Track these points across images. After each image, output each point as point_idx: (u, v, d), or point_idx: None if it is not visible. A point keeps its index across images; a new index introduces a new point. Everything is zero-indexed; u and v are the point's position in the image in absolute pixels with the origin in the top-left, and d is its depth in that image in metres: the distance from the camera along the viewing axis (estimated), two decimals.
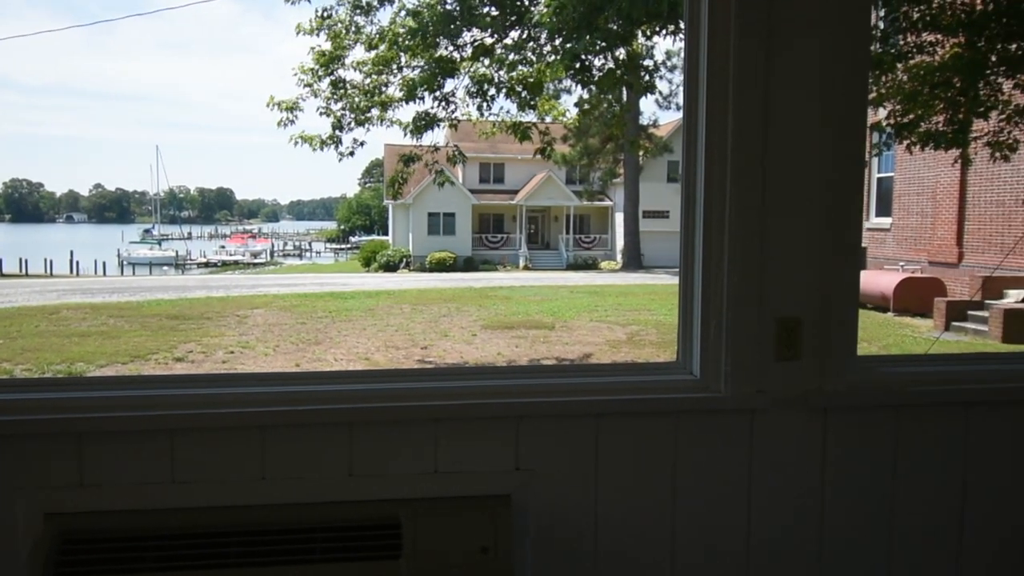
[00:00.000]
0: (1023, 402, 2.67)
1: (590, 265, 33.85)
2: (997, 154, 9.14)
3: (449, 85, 9.38)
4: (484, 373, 2.56)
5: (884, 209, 19.55)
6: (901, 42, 9.01)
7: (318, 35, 9.27)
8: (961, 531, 2.68)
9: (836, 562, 2.62)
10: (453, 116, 9.55)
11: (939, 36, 8.68)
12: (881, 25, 9.30)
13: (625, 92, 15.32)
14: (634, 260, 33.21)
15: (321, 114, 9.47)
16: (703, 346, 2.51)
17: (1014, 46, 8.22)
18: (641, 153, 29.72)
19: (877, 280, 16.69)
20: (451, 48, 9.34)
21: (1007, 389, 2.66)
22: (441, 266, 31.46)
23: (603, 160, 31.66)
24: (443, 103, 9.31)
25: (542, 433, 2.47)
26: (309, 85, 9.49)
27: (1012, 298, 14.52)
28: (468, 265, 32.88)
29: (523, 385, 2.49)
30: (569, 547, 2.51)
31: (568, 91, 13.54)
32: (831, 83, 2.47)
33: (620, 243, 34.91)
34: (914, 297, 15.89)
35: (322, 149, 9.53)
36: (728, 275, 2.45)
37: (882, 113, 9.83)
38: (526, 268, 33.34)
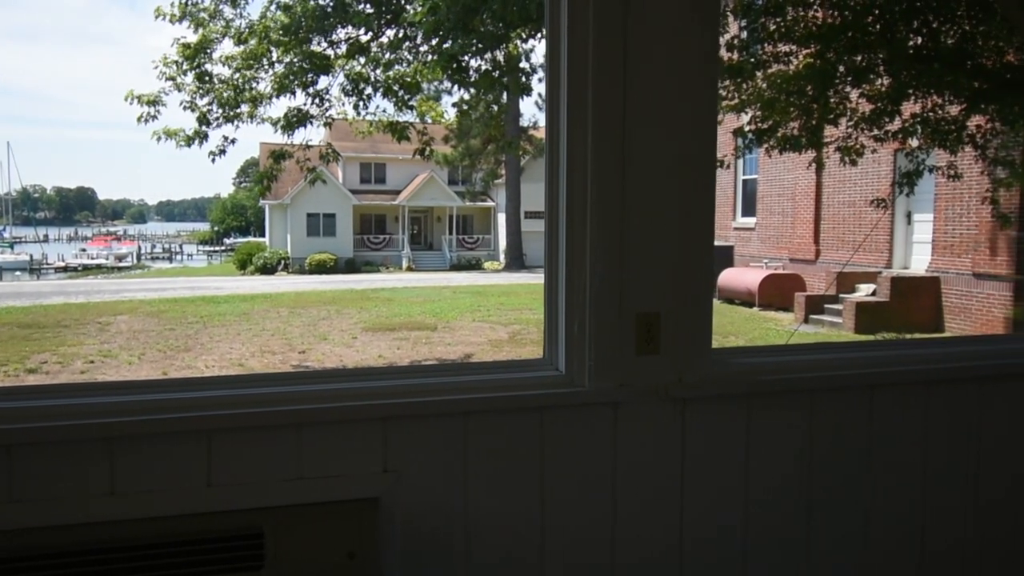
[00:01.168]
0: (862, 387, 2.89)
1: (474, 265, 33.98)
2: (846, 158, 9.82)
3: (323, 82, 9.19)
4: (349, 375, 2.52)
5: (749, 209, 20.63)
6: (760, 52, 9.53)
7: (181, 23, 8.86)
8: (810, 509, 2.86)
9: (695, 547, 2.74)
10: (328, 114, 9.36)
11: (793, 47, 9.24)
12: (743, 35, 9.81)
13: (505, 94, 15.49)
14: (517, 260, 33.60)
15: (185, 109, 9.06)
16: (567, 342, 2.57)
17: (860, 58, 8.86)
18: (521, 154, 30.11)
19: (743, 277, 17.59)
20: (325, 45, 9.15)
21: (847, 376, 2.86)
22: (321, 268, 30.75)
23: (485, 161, 31.87)
24: (317, 100, 9.11)
25: (410, 434, 2.46)
26: (172, 78, 9.05)
27: (862, 292, 15.64)
28: (349, 267, 32.30)
29: (389, 386, 2.47)
30: (439, 547, 2.51)
31: (448, 92, 13.55)
32: (684, 87, 2.58)
33: (503, 243, 35.24)
34: (777, 292, 16.84)
35: (188, 145, 9.11)
36: (590, 273, 2.52)
37: (745, 119, 10.37)
38: (409, 269, 33.10)
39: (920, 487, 2.99)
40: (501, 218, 35.86)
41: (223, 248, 50.16)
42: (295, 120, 9.18)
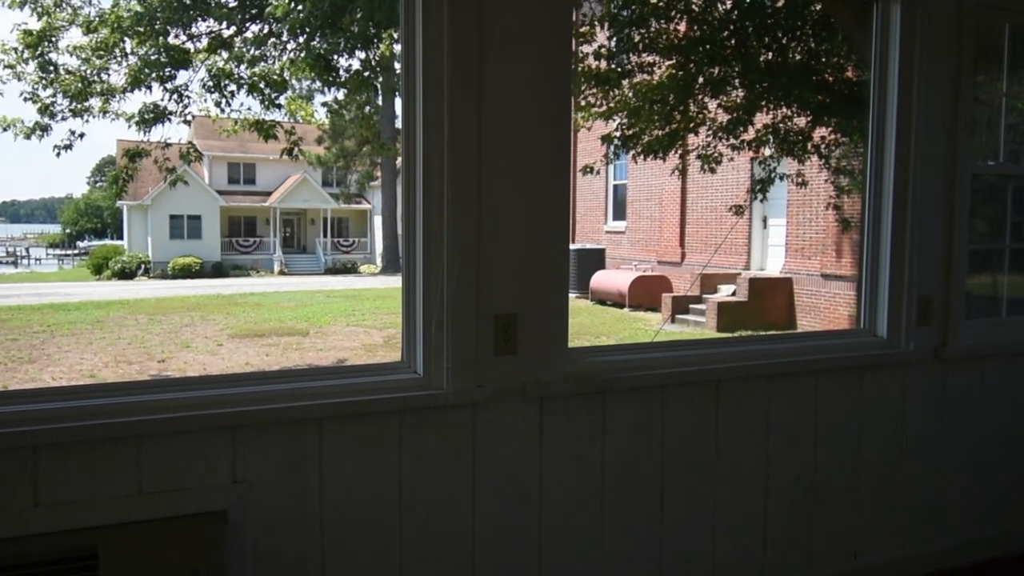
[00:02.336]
0: (709, 382, 3.03)
1: (349, 269, 33.30)
2: (705, 166, 10.31)
3: (182, 77, 8.75)
4: (195, 383, 2.40)
5: (620, 213, 21.28)
6: (626, 61, 9.85)
7: (22, 9, 8.20)
8: (662, 494, 2.97)
9: (554, 536, 2.79)
10: (187, 111, 8.93)
11: (657, 58, 9.61)
12: (610, 45, 10.09)
13: (380, 95, 15.28)
14: (394, 263, 33.18)
15: (26, 100, 8.39)
16: (426, 344, 2.56)
17: (717, 70, 9.32)
18: (397, 156, 29.81)
19: (614, 279, 18.12)
20: (184, 38, 8.72)
21: (696, 371, 2.99)
22: (186, 272, 29.29)
23: (360, 163, 31.31)
24: (175, 96, 8.67)
25: (261, 442, 2.37)
26: (11, 67, 8.37)
27: (724, 292, 16.44)
28: (217, 271, 30.93)
29: (238, 394, 2.37)
30: (294, 557, 2.44)
31: (321, 91, 13.24)
32: (539, 92, 2.63)
33: (380, 246, 34.75)
34: (646, 293, 17.43)
35: (28, 138, 8.43)
36: (448, 275, 2.52)
37: (612, 125, 10.68)
38: (281, 273, 32.06)
39: (765, 468, 3.18)
40: (377, 220, 35.35)
41: (76, 252, 46.83)
42: (151, 116, 8.69)
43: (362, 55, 9.10)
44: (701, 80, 9.44)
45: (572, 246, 20.62)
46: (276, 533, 2.40)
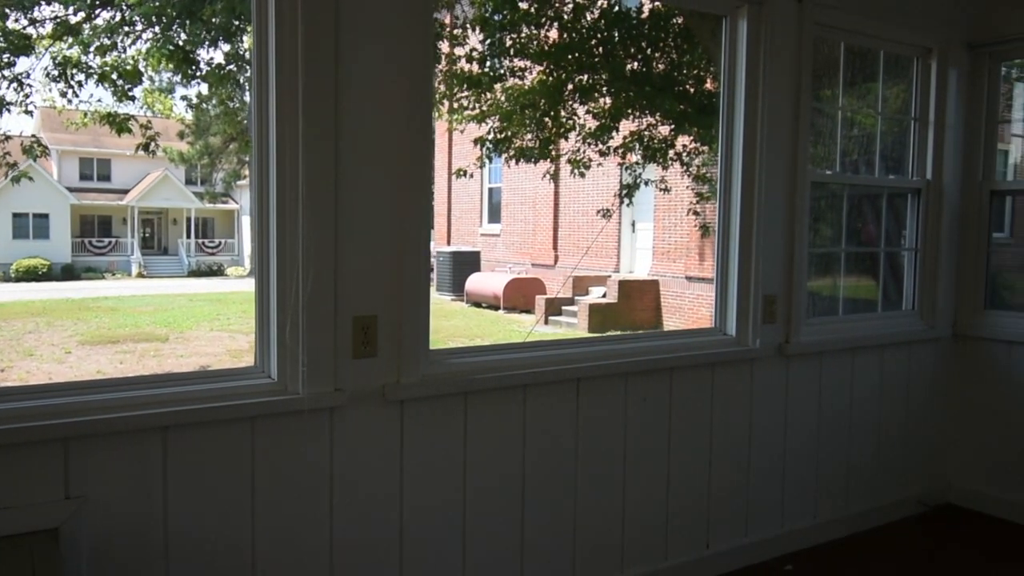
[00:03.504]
0: (570, 380, 3.09)
1: (215, 271, 31.89)
2: (575, 170, 10.56)
3: (23, 64, 8.11)
4: (22, 393, 2.22)
5: (495, 216, 21.45)
6: (499, 65, 9.94)
7: None
8: (523, 493, 3.00)
9: (416, 542, 2.76)
10: (29, 101, 8.27)
11: (528, 63, 9.75)
12: (482, 48, 10.14)
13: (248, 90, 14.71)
14: None
15: None
16: (280, 348, 2.47)
17: (586, 77, 9.56)
18: None
19: (489, 281, 18.23)
20: (25, 22, 8.09)
21: (556, 371, 3.04)
22: (31, 275, 27.14)
23: (227, 160, 30.03)
24: (16, 84, 8.01)
25: (97, 454, 2.22)
26: None
27: (595, 294, 16.89)
28: (67, 273, 28.84)
29: (72, 403, 2.21)
30: (136, 574, 2.30)
31: (183, 84, 12.61)
32: (400, 90, 2.60)
33: (248, 248, 33.47)
34: (520, 295, 17.65)
35: None
36: (303, 276, 2.45)
37: (486, 128, 10.74)
38: (140, 276, 30.29)
39: (622, 462, 3.27)
40: (245, 221, 34.05)
41: None
42: None
43: (227, 47, 8.74)
44: (571, 87, 9.65)
45: (447, 248, 20.61)
46: (116, 552, 2.26)
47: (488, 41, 9.66)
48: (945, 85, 4.33)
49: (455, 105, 10.46)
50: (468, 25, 9.36)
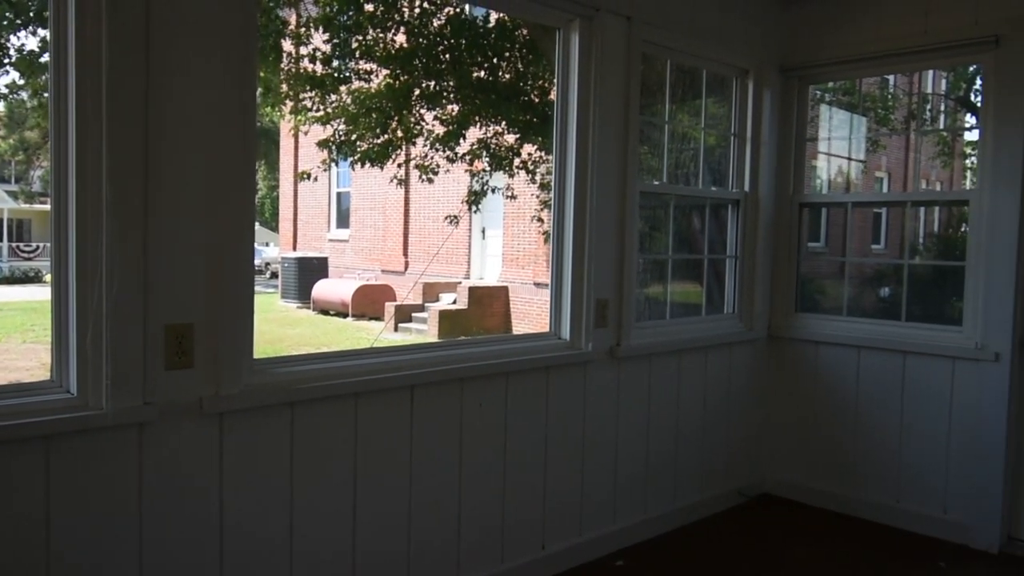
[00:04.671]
0: (403, 388, 3.05)
1: (32, 278, 29.19)
2: (423, 176, 10.50)
3: None
4: None
5: (344, 222, 21.00)
6: (344, 67, 9.73)
7: None
8: (354, 505, 2.93)
9: (237, 567, 2.62)
10: None
11: (374, 66, 9.61)
12: (328, 48, 9.88)
13: None
14: None
15: None
16: (80, 360, 2.28)
17: (432, 83, 9.54)
18: None
19: (337, 288, 17.82)
20: None
21: (389, 378, 2.99)
22: None
23: (45, 157, 27.68)
24: None
25: None
26: None
27: (445, 301, 16.89)
28: None
29: None
30: None
31: None
32: (218, 84, 2.47)
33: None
34: (370, 302, 17.36)
35: None
36: (107, 281, 2.27)
37: (330, 131, 10.47)
38: None
39: (458, 468, 3.26)
40: None
41: None
42: None
43: (44, 33, 8.03)
44: (418, 92, 9.60)
45: (293, 254, 19.97)
46: None
47: (333, 42, 9.44)
48: (761, 104, 4.65)
49: (299, 106, 10.14)
50: (311, 25, 9.10)
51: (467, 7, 9.18)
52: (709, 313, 4.70)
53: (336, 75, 9.67)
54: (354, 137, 10.10)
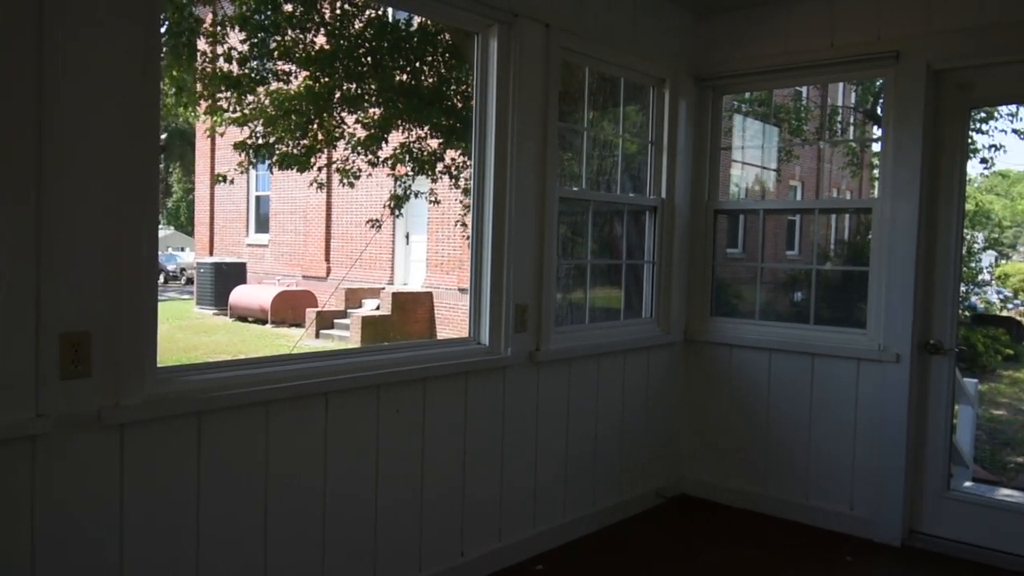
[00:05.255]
0: (318, 395, 2.98)
1: None
2: (344, 180, 10.34)
3: None
4: None
5: (263, 226, 20.51)
6: (261, 67, 9.50)
7: None
8: (265, 518, 2.84)
9: None
10: None
11: (294, 67, 9.42)
12: (246, 47, 9.65)
13: None
14: None
15: None
16: None
17: (354, 86, 9.41)
18: None
19: (256, 294, 17.38)
20: None
21: (303, 385, 2.92)
22: None
23: None
24: None
25: None
26: None
27: (368, 307, 16.67)
28: None
29: None
30: None
31: None
32: (119, 77, 2.37)
33: None
34: (289, 309, 16.99)
35: None
36: None
37: (248, 133, 10.21)
38: None
39: (374, 479, 3.21)
40: None
41: None
42: None
43: None
44: (339, 95, 9.46)
45: (209, 259, 19.37)
46: None
47: (250, 42, 9.21)
48: (676, 113, 4.75)
49: (215, 106, 9.85)
50: (227, 23, 8.86)
51: (389, 10, 9.11)
52: (628, 317, 4.76)
53: (253, 75, 9.44)
54: (273, 139, 9.89)
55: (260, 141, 9.53)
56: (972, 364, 12.84)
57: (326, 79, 9.30)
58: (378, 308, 16.31)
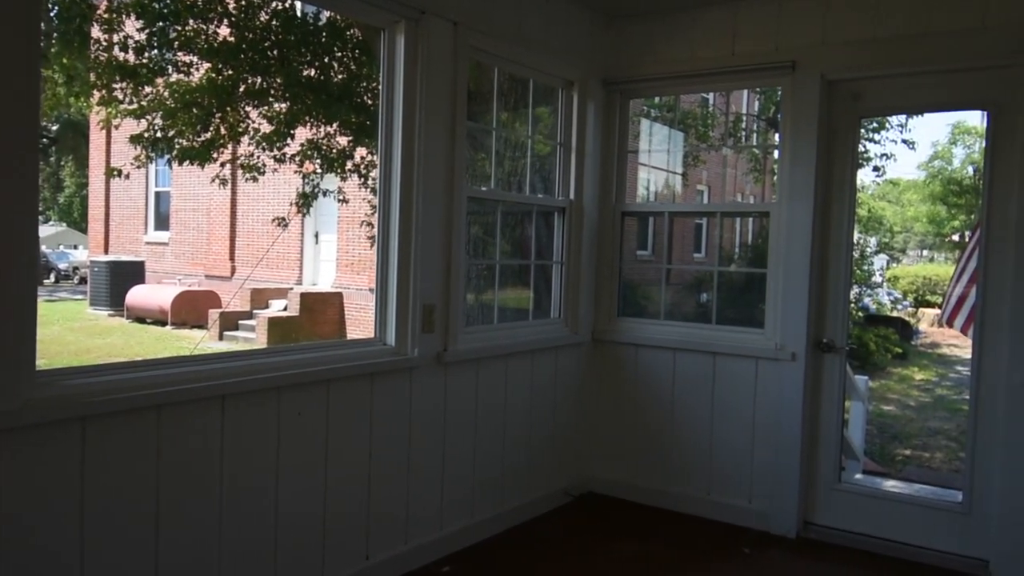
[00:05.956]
0: (212, 399, 2.86)
1: None
2: (248, 176, 10.03)
3: None
4: None
5: (163, 224, 19.70)
6: (161, 58, 9.10)
7: None
8: (157, 529, 2.71)
9: None
10: None
11: (195, 58, 9.06)
12: (144, 36, 9.23)
13: None
14: None
15: None
16: None
17: (259, 79, 9.12)
18: None
19: (155, 294, 16.68)
20: None
21: (196, 388, 2.79)
22: None
23: None
24: None
25: None
26: None
27: (275, 307, 16.24)
28: None
29: None
30: None
31: None
32: None
33: None
34: (191, 310, 16.36)
35: None
36: None
37: (145, 125, 9.77)
38: None
39: (275, 483, 3.10)
40: None
41: None
42: None
43: None
44: (243, 88, 9.16)
45: (104, 258, 18.47)
46: None
47: (149, 30, 8.81)
48: (585, 116, 4.80)
49: (110, 97, 9.37)
50: (123, 11, 8.45)
51: (297, 3, 8.88)
52: (536, 318, 4.78)
53: (152, 66, 9.04)
54: (172, 133, 9.49)
55: (159, 134, 9.12)
56: (865, 362, 13.54)
57: (230, 72, 8.98)
58: (285, 309, 15.91)
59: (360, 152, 9.95)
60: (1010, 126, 3.85)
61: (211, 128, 9.18)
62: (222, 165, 10.17)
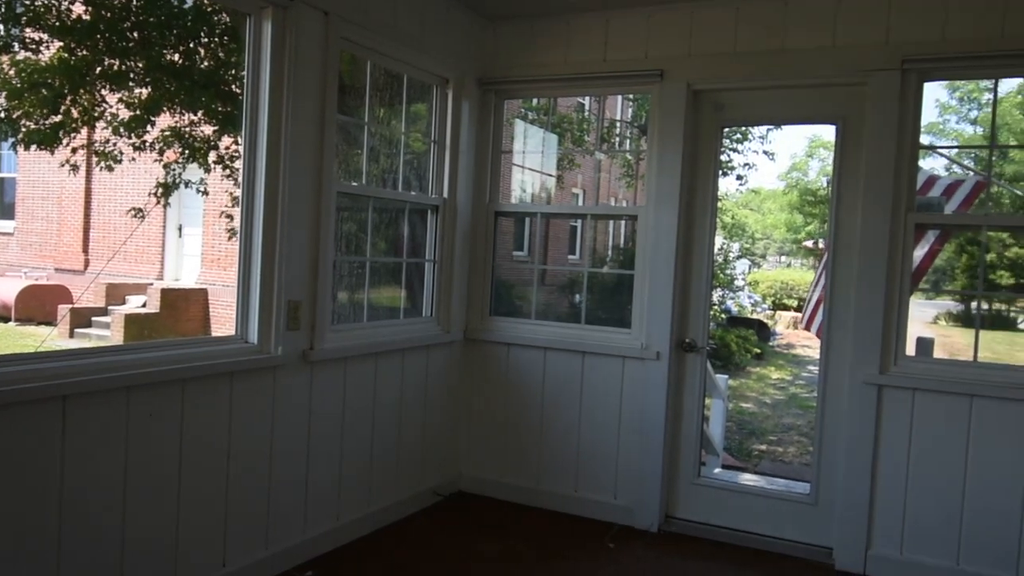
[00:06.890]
0: (51, 399, 2.64)
1: None
2: (103, 163, 9.39)
3: None
4: None
5: (7, 213, 18.18)
6: (7, 34, 8.40)
7: None
8: (59, 540, 2.48)
9: None
10: None
11: (45, 36, 8.41)
12: None
13: None
14: None
15: None
16: None
17: (117, 62, 8.57)
18: None
19: None
20: None
21: (28, 389, 2.58)
22: None
23: None
24: None
25: None
26: None
27: (133, 304, 15.31)
28: None
29: None
30: None
31: None
32: None
33: None
34: (38, 305, 15.21)
35: None
36: None
37: None
38: None
39: (122, 491, 2.91)
40: None
41: None
42: None
43: None
44: (99, 70, 8.58)
45: None
46: None
47: None
48: (459, 114, 4.79)
49: None
50: None
51: None
52: (408, 316, 4.72)
53: None
54: (18, 115, 8.77)
55: (2, 115, 8.40)
56: (727, 362, 14.24)
57: (84, 52, 8.39)
58: (145, 305, 15.03)
59: (225, 142, 9.53)
60: (856, 140, 4.13)
61: (61, 111, 8.54)
62: (74, 151, 9.49)
